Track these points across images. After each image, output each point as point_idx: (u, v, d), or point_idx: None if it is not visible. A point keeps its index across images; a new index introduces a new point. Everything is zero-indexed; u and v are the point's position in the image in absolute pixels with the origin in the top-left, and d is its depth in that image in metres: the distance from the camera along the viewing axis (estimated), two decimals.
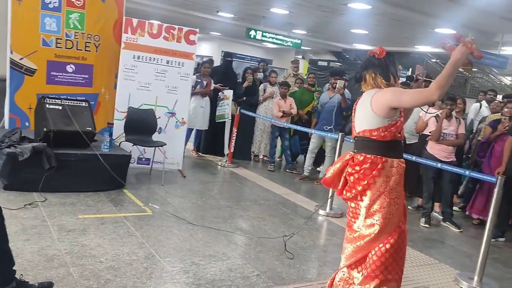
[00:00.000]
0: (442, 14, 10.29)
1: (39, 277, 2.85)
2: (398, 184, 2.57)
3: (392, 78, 2.65)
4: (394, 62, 2.70)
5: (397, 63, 2.69)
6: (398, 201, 2.58)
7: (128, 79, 5.85)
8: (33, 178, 4.43)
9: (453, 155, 5.35)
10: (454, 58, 2.36)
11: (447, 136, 5.33)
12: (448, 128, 5.32)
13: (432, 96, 2.39)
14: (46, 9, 5.48)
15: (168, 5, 14.28)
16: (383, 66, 2.65)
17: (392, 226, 2.57)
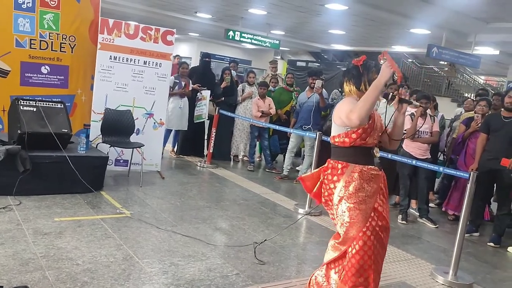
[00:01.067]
0: (417, 15, 10.49)
1: (13, 281, 2.80)
2: (359, 190, 2.51)
3: (363, 86, 2.61)
4: (370, 69, 2.63)
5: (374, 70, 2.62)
6: (361, 206, 2.51)
7: (105, 80, 5.79)
8: (7, 182, 4.34)
9: (428, 152, 5.46)
10: (380, 79, 2.43)
11: (422, 134, 5.43)
12: (423, 126, 5.42)
13: (351, 124, 2.49)
14: (19, 9, 5.37)
15: (145, 6, 14.16)
16: (357, 73, 2.65)
17: (355, 231, 2.52)
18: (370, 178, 2.56)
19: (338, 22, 13.04)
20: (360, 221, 2.52)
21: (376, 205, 2.58)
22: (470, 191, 3.81)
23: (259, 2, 11.60)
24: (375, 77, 2.52)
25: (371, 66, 2.66)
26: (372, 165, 2.62)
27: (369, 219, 2.54)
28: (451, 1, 8.90)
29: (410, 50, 17.58)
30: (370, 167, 2.59)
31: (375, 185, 2.58)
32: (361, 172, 2.54)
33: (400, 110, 2.69)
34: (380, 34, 14.45)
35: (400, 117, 2.73)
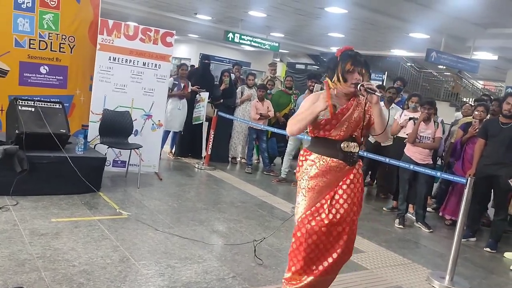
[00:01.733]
0: (416, 19, 10.52)
1: (9, 282, 2.80)
2: (314, 178, 2.61)
3: (336, 78, 2.60)
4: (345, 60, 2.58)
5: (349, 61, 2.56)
6: (309, 194, 2.63)
7: (104, 81, 5.79)
8: (4, 182, 4.33)
9: (429, 157, 5.42)
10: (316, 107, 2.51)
11: (424, 139, 5.41)
12: (425, 131, 5.39)
13: (289, 131, 2.65)
14: (18, 9, 5.37)
15: (145, 7, 14.18)
16: (334, 65, 2.62)
17: (298, 215, 2.66)
18: (328, 169, 2.61)
19: (337, 26, 13.07)
20: (304, 206, 2.64)
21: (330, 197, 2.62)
22: (468, 196, 3.82)
23: (259, 4, 11.63)
24: (349, 68, 2.54)
25: (348, 56, 2.59)
26: (335, 158, 2.62)
27: (314, 209, 2.62)
28: (450, 6, 8.93)
29: (409, 54, 17.63)
30: (332, 159, 2.61)
31: (332, 177, 2.62)
32: (320, 161, 2.62)
33: (370, 101, 2.57)
34: (379, 38, 14.50)
35: (374, 109, 2.62)
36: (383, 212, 6.11)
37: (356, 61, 2.58)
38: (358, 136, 2.69)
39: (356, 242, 4.50)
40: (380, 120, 2.64)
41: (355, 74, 2.57)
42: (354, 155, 2.66)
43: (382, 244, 4.65)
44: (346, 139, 2.63)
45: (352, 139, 2.65)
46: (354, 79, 2.57)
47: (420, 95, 6.13)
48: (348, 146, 2.63)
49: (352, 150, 2.64)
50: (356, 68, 2.58)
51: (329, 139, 2.62)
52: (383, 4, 9.76)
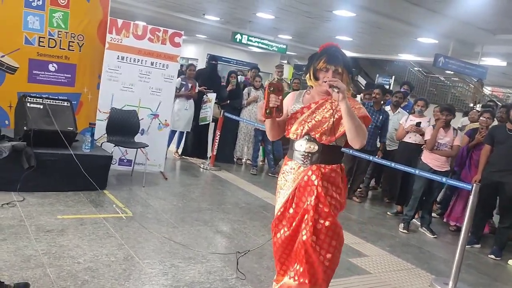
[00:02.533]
0: (424, 24, 10.50)
1: (15, 277, 2.82)
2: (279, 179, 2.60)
3: (309, 75, 2.46)
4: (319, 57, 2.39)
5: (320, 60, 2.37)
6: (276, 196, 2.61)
7: (112, 80, 5.82)
8: (11, 178, 4.37)
9: (447, 164, 5.37)
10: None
11: (441, 146, 5.34)
12: (444, 138, 5.33)
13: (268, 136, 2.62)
14: (29, 7, 5.42)
15: (154, 7, 14.23)
16: (311, 60, 2.47)
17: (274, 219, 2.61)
18: (287, 171, 2.55)
19: (345, 29, 13.06)
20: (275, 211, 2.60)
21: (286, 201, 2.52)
22: (473, 203, 3.81)
23: (268, 6, 11.64)
24: (321, 66, 2.37)
25: (324, 53, 2.40)
26: (291, 157, 2.55)
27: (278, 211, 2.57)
28: (459, 11, 8.90)
29: (417, 58, 17.57)
30: (289, 159, 2.56)
31: (290, 179, 2.52)
32: (285, 164, 2.58)
33: (336, 98, 2.25)
34: (387, 42, 14.47)
35: (341, 106, 2.26)
36: (387, 216, 6.09)
37: (332, 58, 2.36)
38: (318, 137, 2.42)
39: (360, 246, 4.54)
40: (346, 119, 2.27)
41: (328, 72, 2.36)
42: (309, 155, 2.45)
43: (385, 249, 4.64)
44: (301, 139, 2.47)
45: (309, 139, 2.45)
46: (325, 78, 2.35)
47: (426, 100, 6.11)
48: (301, 145, 2.47)
49: (306, 150, 2.46)
50: (330, 66, 2.35)
51: (290, 139, 2.56)
52: (391, 8, 9.74)
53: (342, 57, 2.40)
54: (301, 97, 2.57)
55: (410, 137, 5.86)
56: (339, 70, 2.37)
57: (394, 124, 6.55)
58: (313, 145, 2.45)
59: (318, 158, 2.45)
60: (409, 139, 5.88)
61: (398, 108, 6.74)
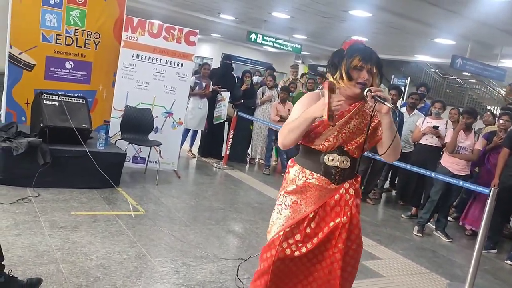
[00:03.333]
0: (442, 25, 10.35)
1: (28, 272, 2.85)
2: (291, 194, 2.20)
3: (338, 75, 2.11)
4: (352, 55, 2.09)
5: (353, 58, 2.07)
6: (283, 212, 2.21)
7: (127, 78, 5.85)
8: (27, 173, 4.42)
9: (467, 168, 5.27)
10: (310, 112, 2.02)
11: (462, 150, 5.24)
12: (464, 142, 5.23)
13: (281, 143, 2.16)
14: (47, 5, 5.48)
15: (170, 5, 14.29)
16: (339, 59, 2.14)
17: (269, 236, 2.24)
18: (307, 185, 2.15)
19: (361, 29, 12.95)
20: (278, 226, 2.19)
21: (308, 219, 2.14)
22: (490, 207, 3.73)
23: (283, 6, 11.60)
24: (356, 63, 2.06)
25: (357, 51, 2.11)
26: (317, 172, 2.14)
27: (289, 230, 2.15)
28: (477, 12, 8.74)
29: (433, 60, 17.34)
30: (313, 173, 2.14)
31: (312, 196, 2.15)
32: (300, 175, 2.18)
33: (380, 110, 2.02)
34: (403, 42, 14.30)
35: (383, 121, 2.07)
36: (401, 219, 6.02)
37: (366, 56, 2.09)
38: (352, 149, 2.15)
39: (373, 249, 4.49)
40: (388, 134, 2.09)
41: (363, 72, 2.08)
42: (343, 172, 2.14)
43: (399, 252, 4.58)
44: (332, 151, 2.13)
45: (341, 152, 2.13)
46: (361, 78, 2.07)
47: (443, 102, 6.03)
48: (333, 160, 2.12)
49: (339, 165, 2.12)
50: (365, 65, 2.08)
51: (312, 148, 2.16)
52: (408, 9, 9.62)
53: (375, 56, 2.14)
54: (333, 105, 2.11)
55: (427, 139, 5.78)
56: (374, 70, 2.11)
57: (410, 126, 6.46)
58: (346, 160, 2.14)
59: (349, 174, 2.18)
60: (426, 141, 5.79)
61: (413, 110, 6.65)
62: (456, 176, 5.09)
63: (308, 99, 2.18)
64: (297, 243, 2.15)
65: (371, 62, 2.10)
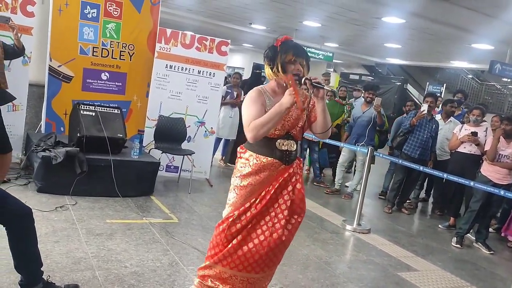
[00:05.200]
0: (479, 30, 10.06)
1: (65, 279, 2.91)
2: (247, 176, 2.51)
3: (276, 68, 2.46)
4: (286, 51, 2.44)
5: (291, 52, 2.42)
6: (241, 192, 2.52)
7: (160, 88, 5.96)
8: (65, 182, 4.55)
9: (509, 177, 5.03)
10: (282, 104, 2.32)
11: (503, 158, 5.04)
12: (506, 150, 5.03)
13: (246, 133, 2.39)
14: (84, 19, 5.66)
15: (202, 17, 14.53)
16: (273, 54, 2.49)
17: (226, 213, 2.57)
18: (261, 167, 2.46)
19: (394, 36, 12.76)
20: (234, 205, 2.51)
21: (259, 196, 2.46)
22: None
23: (314, 14, 11.57)
24: (290, 58, 2.42)
25: (289, 47, 2.47)
26: (270, 156, 2.46)
27: (242, 209, 2.47)
28: None
29: (471, 66, 16.86)
30: (266, 158, 2.46)
31: (266, 176, 2.47)
32: (253, 160, 2.47)
33: (316, 95, 2.38)
34: (438, 48, 13.97)
35: (319, 104, 2.44)
36: (438, 229, 5.83)
37: (299, 52, 2.46)
38: (296, 134, 2.52)
39: (409, 260, 4.36)
40: (323, 117, 2.47)
41: (296, 65, 2.44)
42: (291, 154, 2.50)
43: (437, 264, 4.43)
44: (282, 137, 2.47)
45: (289, 137, 2.49)
46: (295, 70, 2.43)
47: (482, 108, 5.81)
48: (284, 144, 2.47)
49: (289, 149, 2.48)
50: (298, 59, 2.45)
51: (265, 137, 2.45)
52: (443, 14, 9.40)
53: (305, 51, 2.53)
54: (268, 95, 2.51)
55: (465, 146, 5.59)
56: (304, 62, 2.48)
57: (446, 133, 6.29)
58: (292, 143, 2.50)
59: (295, 156, 2.55)
60: (464, 149, 5.61)
61: (450, 117, 6.46)
62: (497, 185, 4.89)
63: (255, 96, 2.47)
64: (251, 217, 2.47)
65: (302, 56, 2.47)
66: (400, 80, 18.59)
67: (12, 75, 5.00)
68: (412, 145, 5.96)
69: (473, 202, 5.14)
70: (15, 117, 5.32)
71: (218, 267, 2.53)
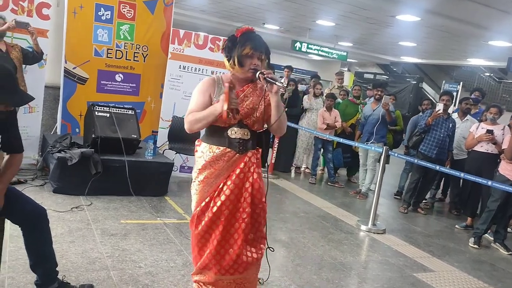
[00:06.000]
0: (496, 27, 9.88)
1: (80, 278, 2.93)
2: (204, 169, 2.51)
3: (232, 61, 2.42)
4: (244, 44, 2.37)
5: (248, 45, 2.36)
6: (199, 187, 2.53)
7: (174, 89, 5.99)
8: (80, 182, 4.59)
9: None
10: (215, 108, 2.35)
11: None
12: None
13: (187, 128, 2.47)
14: (99, 21, 5.72)
15: (215, 17, 14.56)
16: (232, 45, 2.42)
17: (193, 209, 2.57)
18: (215, 159, 2.45)
19: (409, 34, 12.62)
20: (196, 201, 2.52)
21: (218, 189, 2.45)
22: None
23: (328, 13, 11.51)
24: (247, 52, 2.35)
25: (248, 39, 2.39)
26: (222, 145, 2.44)
27: (204, 204, 2.47)
28: None
29: (488, 63, 16.59)
30: (218, 147, 2.45)
31: (220, 167, 2.45)
32: (207, 151, 2.47)
33: (270, 90, 2.35)
34: (454, 46, 13.78)
35: (272, 99, 2.41)
36: (455, 230, 5.74)
37: (256, 45, 2.38)
38: (250, 123, 2.46)
39: (425, 260, 4.30)
40: (276, 111, 2.43)
41: (254, 59, 2.38)
42: (245, 142, 2.45)
43: (454, 265, 4.36)
44: (234, 126, 2.43)
45: (242, 125, 2.45)
46: (252, 64, 2.38)
47: (499, 107, 5.70)
48: (236, 133, 2.44)
49: (242, 137, 2.44)
50: (255, 53, 2.38)
51: (215, 126, 2.43)
52: (459, 11, 9.26)
53: (264, 44, 2.44)
54: (222, 85, 2.50)
55: (482, 145, 5.49)
56: (263, 56, 2.42)
57: (463, 132, 6.18)
58: (246, 132, 2.46)
59: (252, 145, 2.50)
60: (481, 148, 5.51)
61: (466, 116, 6.36)
62: None
63: (205, 86, 2.51)
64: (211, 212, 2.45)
65: (261, 50, 2.40)
66: (416, 78, 18.38)
67: (28, 77, 5.07)
68: (429, 145, 5.88)
69: (491, 201, 5.04)
70: (31, 118, 5.40)
71: (205, 272, 2.55)
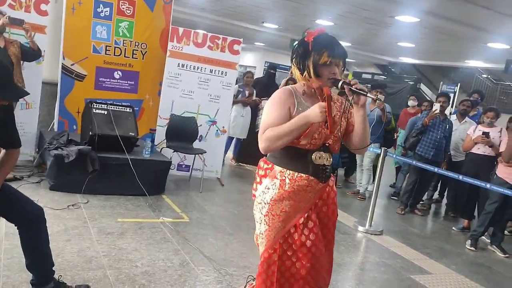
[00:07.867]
0: (495, 29, 9.89)
1: (76, 278, 2.91)
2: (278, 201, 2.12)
3: (307, 72, 2.03)
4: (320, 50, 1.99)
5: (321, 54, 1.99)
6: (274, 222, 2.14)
7: (172, 87, 5.96)
8: (77, 180, 4.56)
9: None
10: (308, 117, 1.93)
11: None
12: None
13: (260, 141, 2.03)
14: (97, 17, 5.67)
15: (214, 15, 14.51)
16: (304, 52, 2.04)
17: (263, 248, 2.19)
18: (296, 189, 2.07)
19: (408, 35, 12.62)
20: (268, 239, 2.12)
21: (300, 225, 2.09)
22: None
23: (327, 13, 11.49)
24: (325, 60, 1.99)
25: (324, 45, 2.01)
26: (305, 173, 2.06)
27: (282, 239, 2.10)
28: None
29: (485, 65, 16.62)
30: (300, 175, 2.06)
31: (301, 199, 2.09)
32: (286, 178, 2.07)
33: (356, 102, 1.98)
34: (452, 48, 13.79)
35: (358, 113, 2.03)
36: (452, 231, 5.74)
37: (334, 51, 2.01)
38: (332, 144, 2.12)
39: (423, 262, 4.29)
40: (362, 128, 2.07)
41: (332, 67, 2.02)
42: (327, 169, 2.11)
43: (451, 267, 4.36)
44: (318, 149, 2.07)
45: (326, 149, 2.10)
46: (331, 74, 2.02)
47: (497, 109, 5.70)
48: (320, 158, 2.07)
49: (325, 163, 2.09)
50: (334, 60, 2.02)
51: (295, 148, 2.05)
52: (458, 13, 9.26)
53: (342, 49, 2.08)
54: (300, 97, 2.11)
55: (479, 148, 5.50)
56: (341, 63, 2.07)
57: (461, 134, 6.18)
58: (328, 156, 2.11)
59: (330, 171, 2.18)
60: (478, 150, 5.51)
61: (465, 117, 6.36)
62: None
63: (283, 97, 2.09)
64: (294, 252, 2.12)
65: (340, 57, 2.05)
66: (413, 79, 18.38)
67: (25, 73, 5.03)
68: (425, 146, 5.88)
69: (488, 204, 5.04)
70: (28, 115, 5.35)
71: None
